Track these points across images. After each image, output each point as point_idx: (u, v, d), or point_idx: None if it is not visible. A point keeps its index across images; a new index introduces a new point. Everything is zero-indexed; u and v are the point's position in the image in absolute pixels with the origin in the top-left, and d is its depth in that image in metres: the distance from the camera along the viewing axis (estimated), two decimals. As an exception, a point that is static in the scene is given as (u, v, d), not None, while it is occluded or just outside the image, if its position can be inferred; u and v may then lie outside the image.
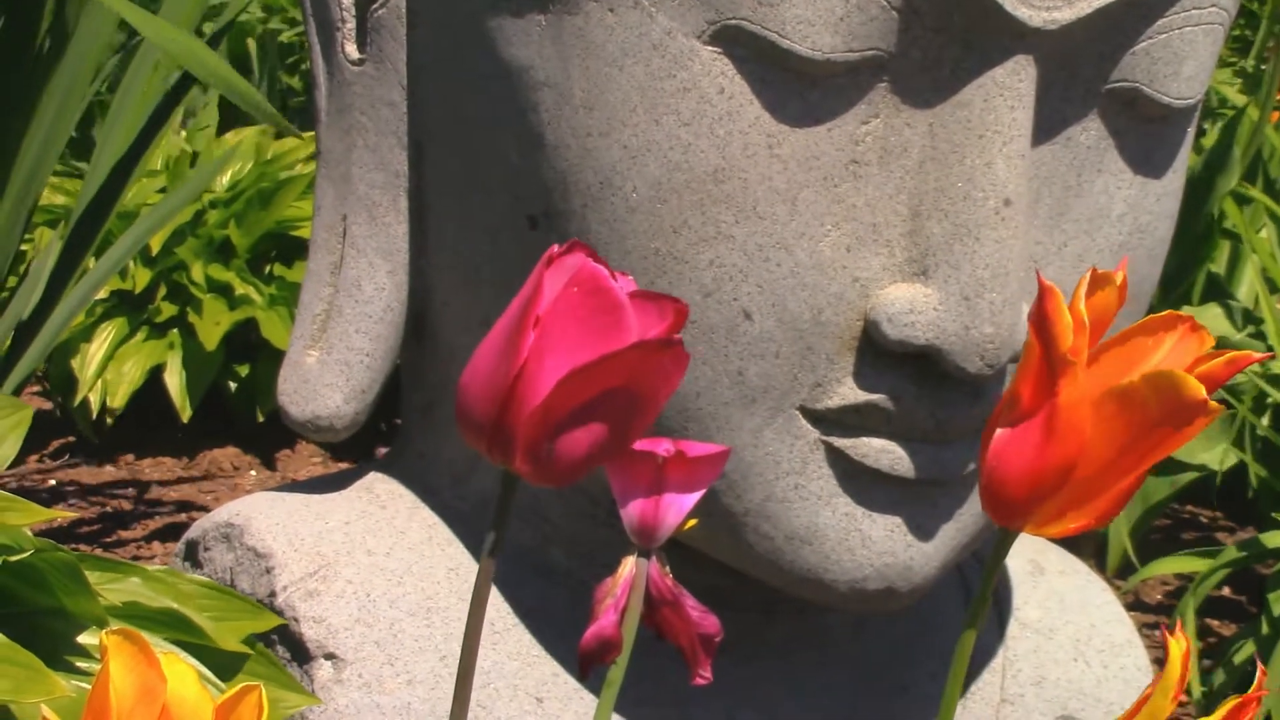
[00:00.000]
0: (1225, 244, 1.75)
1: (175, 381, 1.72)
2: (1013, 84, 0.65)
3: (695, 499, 0.47)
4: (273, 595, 0.74)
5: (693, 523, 0.48)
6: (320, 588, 0.73)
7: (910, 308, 0.65)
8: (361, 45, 0.74)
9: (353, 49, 0.74)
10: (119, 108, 1.13)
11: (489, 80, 0.69)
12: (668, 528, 0.47)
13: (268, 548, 0.75)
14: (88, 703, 0.39)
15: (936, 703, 0.80)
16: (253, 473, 1.77)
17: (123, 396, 1.69)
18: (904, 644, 0.82)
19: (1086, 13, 0.65)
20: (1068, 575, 0.88)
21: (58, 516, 0.68)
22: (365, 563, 0.75)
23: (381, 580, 0.74)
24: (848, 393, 0.67)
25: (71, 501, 1.68)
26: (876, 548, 0.69)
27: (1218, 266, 1.74)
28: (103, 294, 1.70)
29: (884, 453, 0.68)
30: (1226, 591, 1.60)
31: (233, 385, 1.77)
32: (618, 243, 0.66)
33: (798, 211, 0.65)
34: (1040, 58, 0.65)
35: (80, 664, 0.62)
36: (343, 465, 1.76)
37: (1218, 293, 1.68)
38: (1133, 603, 1.58)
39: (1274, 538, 1.28)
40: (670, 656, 0.49)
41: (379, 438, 1.77)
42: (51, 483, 1.73)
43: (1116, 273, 0.46)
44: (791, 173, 0.65)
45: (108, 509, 1.67)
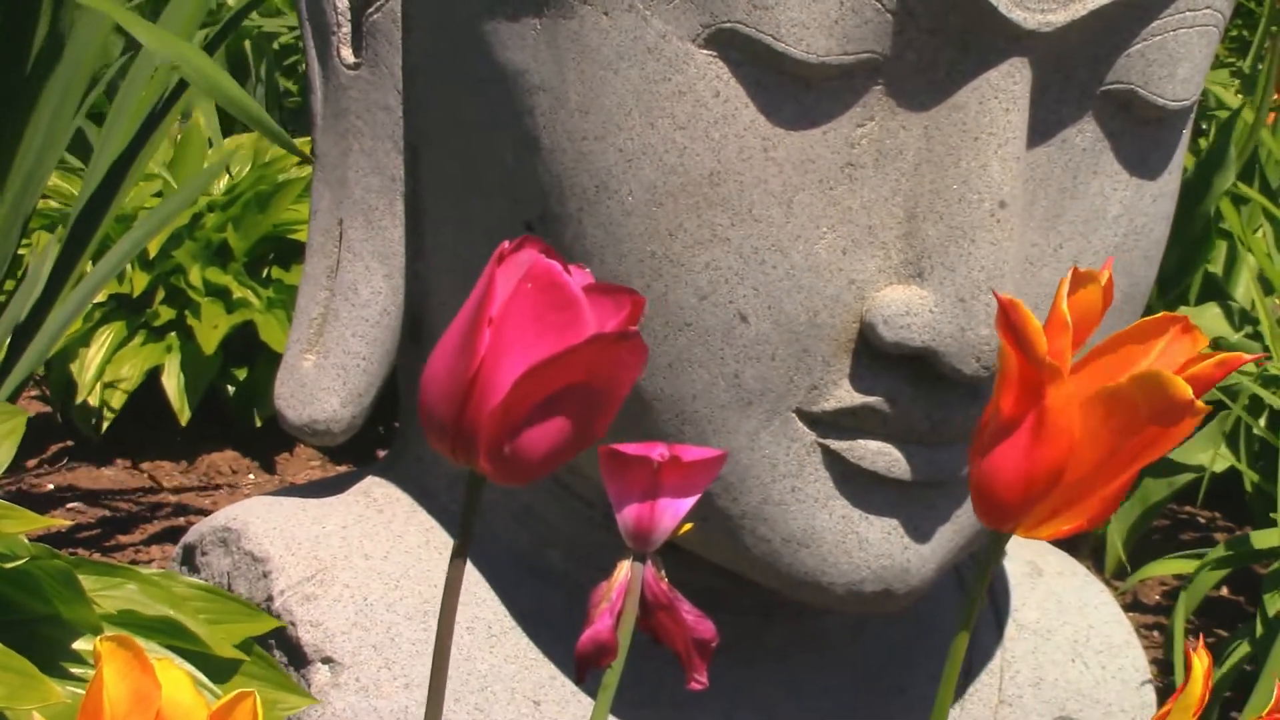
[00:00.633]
0: (1223, 244, 1.75)
1: (173, 384, 1.71)
2: (1008, 86, 0.65)
3: (691, 503, 0.47)
4: (270, 599, 0.74)
5: (689, 527, 0.48)
6: (317, 592, 0.73)
7: (906, 310, 0.65)
8: (357, 49, 0.74)
9: (348, 53, 0.74)
10: (117, 112, 1.13)
11: (484, 84, 0.69)
12: (663, 532, 0.46)
13: (265, 552, 0.75)
14: (81, 709, 0.39)
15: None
16: (251, 476, 1.77)
17: (121, 400, 1.69)
18: (902, 646, 0.82)
19: (1081, 15, 0.65)
20: (1066, 577, 0.88)
21: (54, 524, 0.68)
22: (362, 566, 0.75)
23: (379, 584, 0.74)
24: (844, 395, 0.67)
25: (70, 505, 1.68)
26: (874, 550, 0.69)
27: (1215, 267, 1.74)
28: (100, 297, 1.70)
29: (880, 455, 0.68)
30: (1225, 592, 1.60)
31: (231, 389, 1.77)
32: (613, 246, 0.66)
33: (793, 214, 0.65)
34: (1035, 60, 0.65)
35: (75, 670, 0.62)
36: (341, 469, 1.76)
37: (1215, 293, 1.68)
38: (1131, 604, 1.58)
39: (1263, 537, 1.28)
40: (667, 659, 0.49)
41: (377, 441, 1.77)
42: (49, 486, 1.72)
43: (1101, 271, 0.46)
44: (787, 175, 0.65)
45: (106, 513, 1.67)
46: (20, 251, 1.51)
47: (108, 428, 1.70)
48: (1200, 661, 0.48)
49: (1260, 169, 1.79)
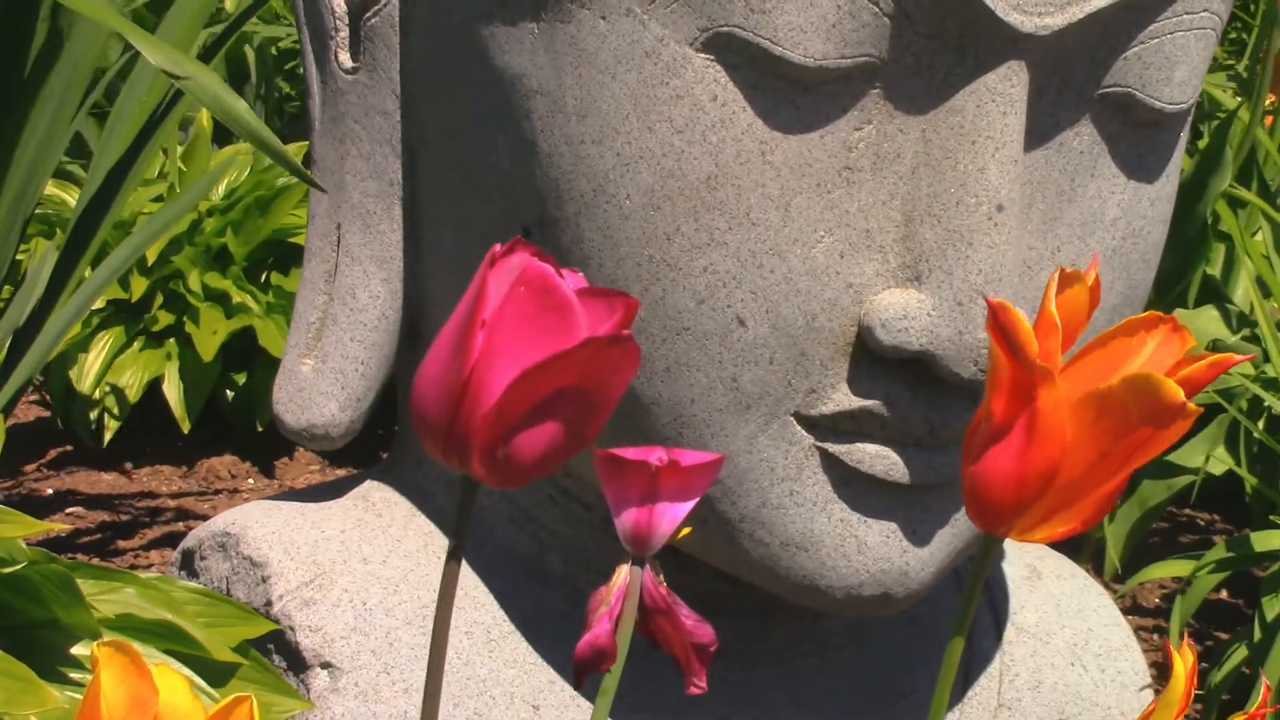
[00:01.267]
0: (1221, 246, 1.75)
1: (174, 393, 1.71)
2: (1005, 89, 0.65)
3: (689, 507, 0.47)
4: (269, 604, 0.74)
5: (687, 531, 0.48)
6: (316, 596, 0.73)
7: (904, 313, 0.66)
8: (355, 54, 0.74)
9: (346, 57, 0.74)
10: (117, 116, 1.13)
11: (482, 88, 0.69)
12: (661, 536, 0.46)
13: (263, 556, 0.75)
14: (79, 714, 0.39)
15: (934, 708, 0.80)
16: (250, 481, 1.77)
17: (121, 406, 1.69)
18: (902, 649, 0.82)
19: (1079, 18, 0.65)
20: (1065, 580, 0.88)
21: (53, 528, 0.68)
22: (361, 571, 0.75)
23: (378, 589, 0.74)
24: (842, 399, 0.67)
25: (69, 510, 1.68)
26: (872, 553, 0.69)
27: (1213, 269, 1.74)
28: (99, 303, 1.70)
29: (879, 458, 0.68)
30: (1224, 595, 1.60)
31: (230, 394, 1.77)
32: (611, 250, 0.66)
33: (791, 218, 0.65)
34: (1032, 63, 0.65)
35: (74, 675, 0.62)
36: (340, 473, 1.76)
37: (1213, 295, 1.68)
38: (1130, 606, 1.58)
39: (1263, 539, 1.28)
40: (667, 663, 0.49)
41: (376, 445, 1.77)
42: (49, 491, 1.72)
43: (1088, 271, 0.46)
44: (784, 179, 0.65)
45: (105, 518, 1.67)
46: (18, 257, 1.51)
47: (108, 433, 1.70)
48: (1183, 660, 0.48)
49: (1258, 171, 1.79)
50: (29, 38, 1.05)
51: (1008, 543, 0.85)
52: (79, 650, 0.63)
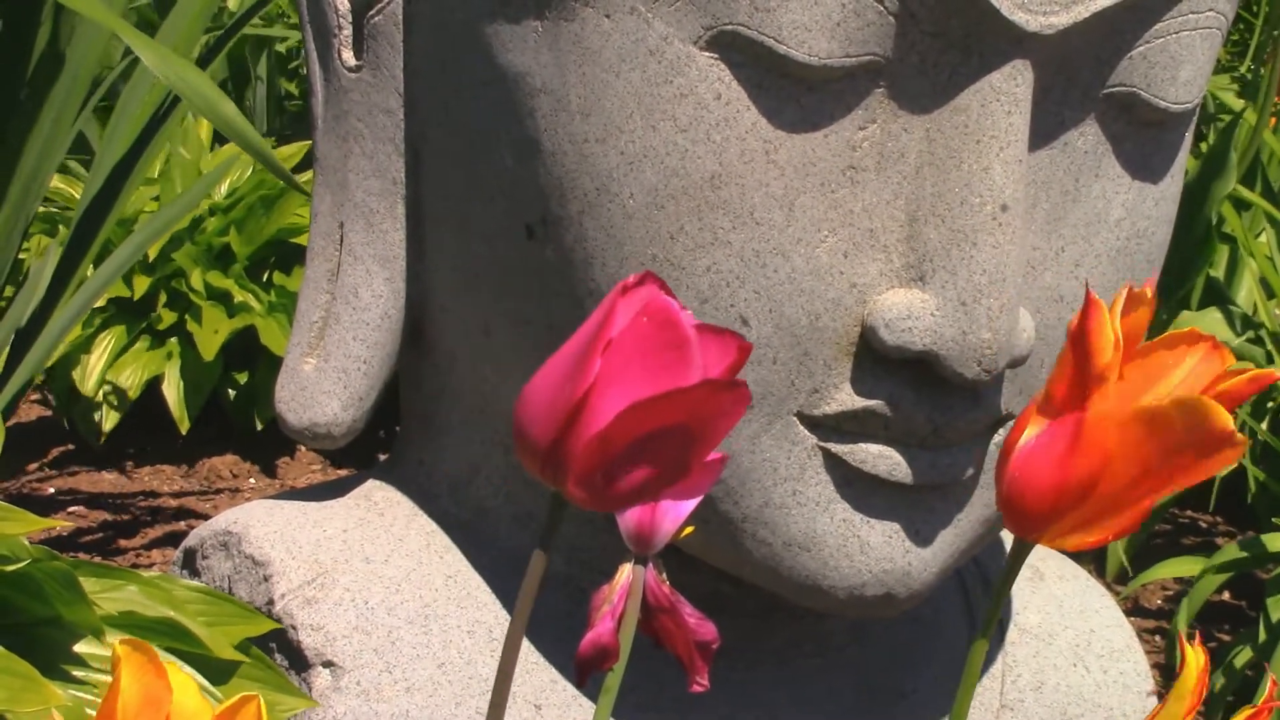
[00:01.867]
0: (1224, 248, 1.75)
1: (174, 393, 1.71)
2: (1009, 89, 0.65)
3: (692, 505, 0.46)
4: (270, 603, 0.74)
5: (689, 530, 0.48)
6: (318, 595, 0.73)
7: (907, 313, 0.65)
8: (358, 52, 0.74)
9: (350, 56, 0.74)
10: (119, 116, 1.13)
11: (486, 87, 0.69)
12: (664, 534, 0.46)
13: (265, 556, 0.75)
14: (99, 712, 0.39)
15: (937, 708, 0.80)
16: (252, 480, 1.77)
17: (121, 402, 1.69)
18: (904, 649, 0.81)
19: (1084, 17, 0.65)
20: (1067, 581, 0.88)
21: (55, 526, 0.68)
22: (363, 570, 0.75)
23: (379, 588, 0.74)
24: (845, 398, 0.67)
25: (71, 510, 1.68)
26: (875, 554, 0.69)
27: (1217, 271, 1.74)
28: (100, 301, 1.70)
29: (882, 458, 0.68)
30: (1227, 596, 1.60)
31: (232, 393, 1.77)
32: (614, 249, 0.66)
33: (795, 217, 0.65)
34: (1037, 62, 0.65)
35: (77, 673, 0.62)
36: (342, 472, 1.76)
37: (1217, 298, 1.68)
38: (1132, 608, 1.58)
39: (1272, 540, 1.28)
40: (669, 662, 0.49)
41: (378, 444, 1.77)
42: (50, 491, 1.72)
43: (1146, 289, 0.46)
44: (788, 178, 0.65)
45: (107, 517, 1.67)
46: (20, 256, 1.51)
47: (109, 434, 1.70)
48: (1195, 656, 0.48)
49: (1263, 173, 1.79)
50: (32, 39, 1.05)
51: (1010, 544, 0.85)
52: (81, 648, 0.63)
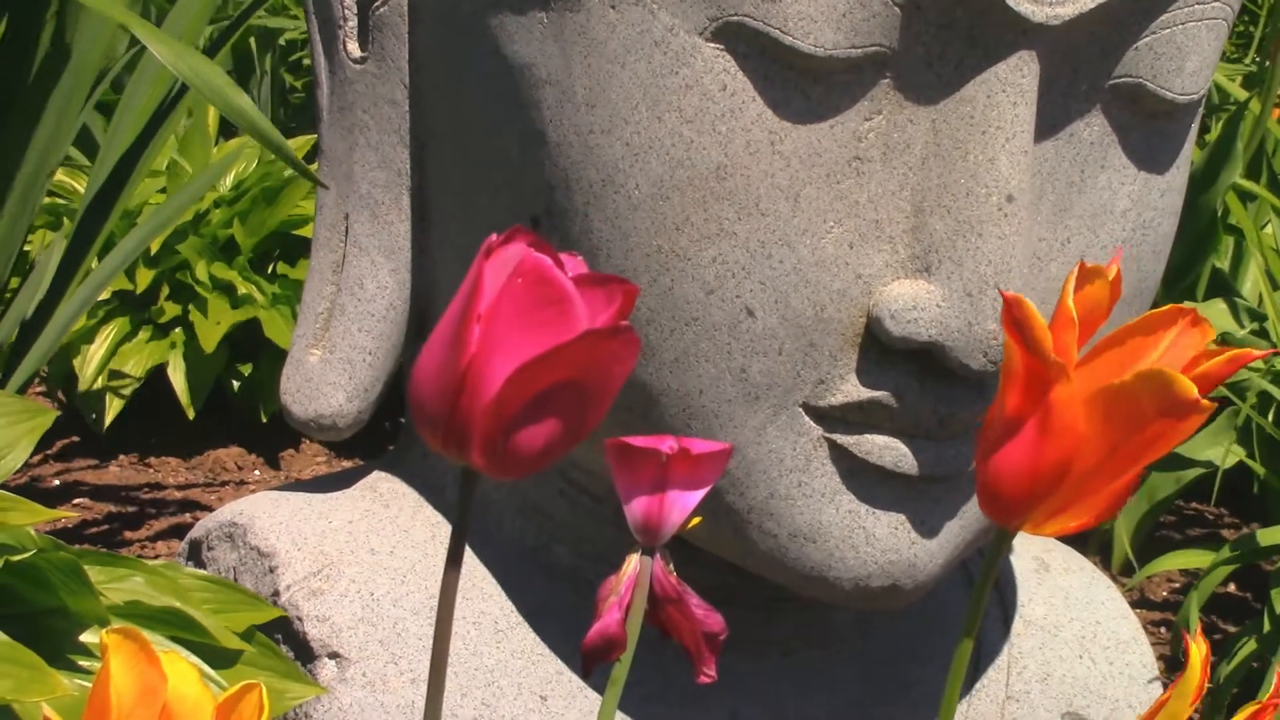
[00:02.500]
0: (1230, 239, 1.75)
1: (180, 380, 1.71)
2: (1015, 80, 0.64)
3: (699, 496, 0.46)
4: (276, 594, 0.74)
5: (697, 521, 0.47)
6: (324, 587, 0.73)
7: (913, 304, 0.65)
8: (364, 43, 0.74)
9: (355, 47, 0.74)
10: (124, 109, 1.13)
11: (491, 78, 0.69)
12: (671, 525, 0.46)
13: (271, 547, 0.75)
14: (88, 703, 0.39)
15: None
16: (257, 472, 1.77)
17: (126, 394, 1.69)
18: (909, 641, 0.81)
19: (1090, 8, 0.65)
20: (1073, 572, 0.88)
21: (61, 517, 0.68)
22: (369, 562, 0.75)
23: (385, 579, 0.74)
24: (851, 389, 0.67)
25: (76, 501, 1.68)
26: (880, 545, 0.69)
27: (1222, 262, 1.73)
28: (104, 294, 1.70)
29: (887, 450, 0.68)
30: (1232, 588, 1.60)
31: (236, 385, 1.77)
32: (620, 240, 0.66)
33: (800, 208, 0.65)
34: (1043, 53, 0.65)
35: (82, 663, 0.62)
36: (347, 464, 1.76)
37: (1222, 289, 1.68)
38: (1138, 600, 1.58)
39: (1274, 534, 1.28)
40: (675, 654, 0.49)
41: (383, 436, 1.77)
42: (56, 482, 1.73)
43: (1109, 266, 0.46)
44: (794, 169, 0.65)
45: (112, 509, 1.67)
46: (25, 248, 1.51)
47: (111, 422, 1.70)
48: (1198, 649, 0.48)
49: (1268, 164, 1.78)
50: (37, 33, 1.05)
51: (1016, 535, 0.85)
52: (87, 637, 0.63)
